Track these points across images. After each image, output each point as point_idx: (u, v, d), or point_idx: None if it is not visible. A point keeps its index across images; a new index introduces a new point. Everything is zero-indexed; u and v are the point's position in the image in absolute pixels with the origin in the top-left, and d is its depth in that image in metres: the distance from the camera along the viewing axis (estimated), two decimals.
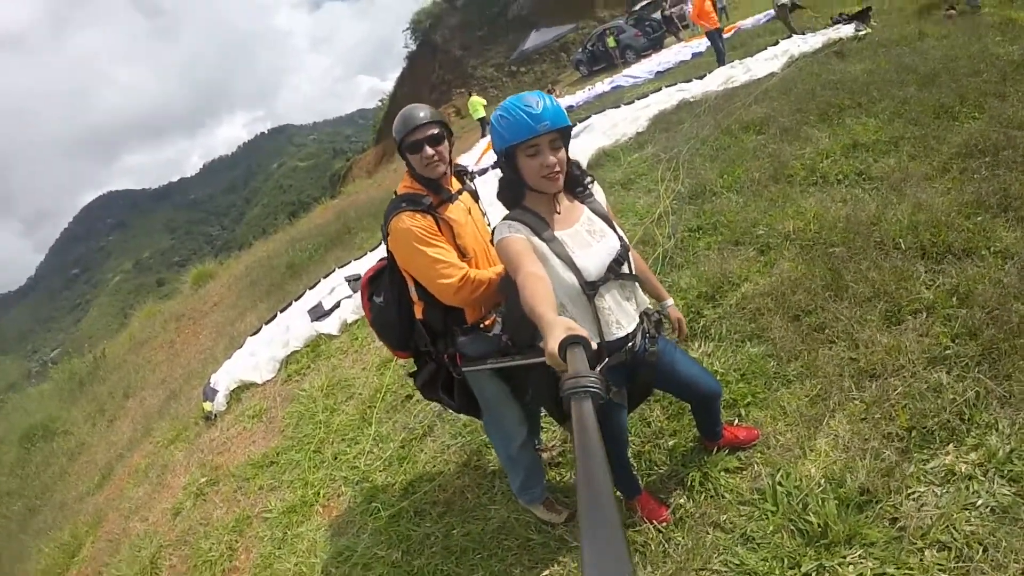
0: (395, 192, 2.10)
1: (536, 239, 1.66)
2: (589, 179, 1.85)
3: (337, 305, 6.17)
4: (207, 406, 5.49)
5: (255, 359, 5.95)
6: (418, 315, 2.15)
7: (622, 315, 1.77)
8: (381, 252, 7.31)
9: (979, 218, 3.02)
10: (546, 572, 2.25)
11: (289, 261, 10.20)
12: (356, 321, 5.73)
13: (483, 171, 8.16)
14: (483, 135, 15.98)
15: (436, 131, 1.98)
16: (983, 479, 1.84)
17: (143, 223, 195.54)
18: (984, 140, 3.68)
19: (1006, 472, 1.83)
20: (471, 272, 1.96)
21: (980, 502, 1.78)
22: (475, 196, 2.23)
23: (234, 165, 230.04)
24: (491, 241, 1.79)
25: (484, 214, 2.26)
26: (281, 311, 7.03)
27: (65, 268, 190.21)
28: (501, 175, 1.75)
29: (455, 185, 2.15)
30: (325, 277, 7.41)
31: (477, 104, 17.65)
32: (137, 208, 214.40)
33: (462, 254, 2.02)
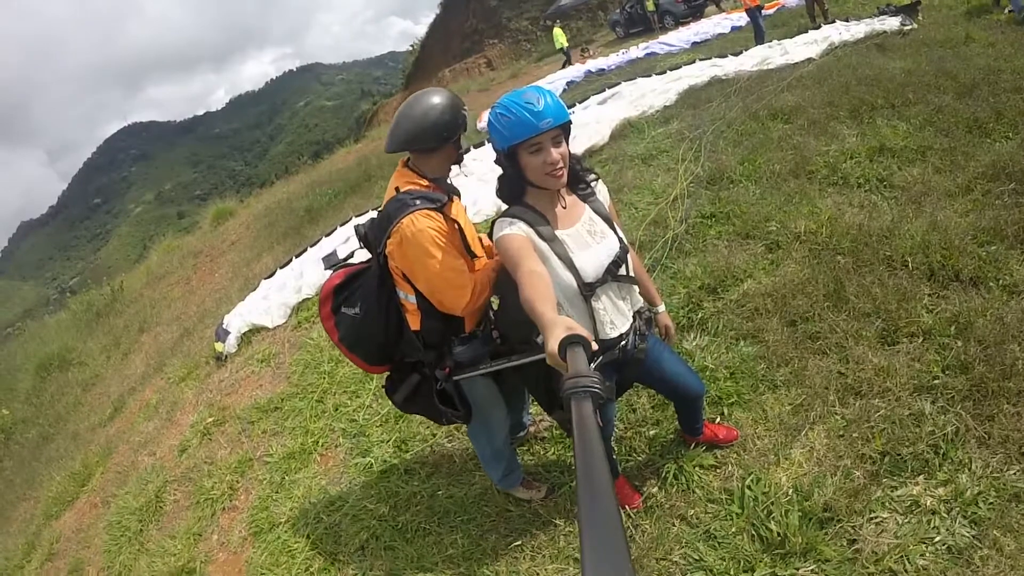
0: (396, 188, 1.93)
1: (536, 237, 1.66)
2: (593, 177, 1.83)
3: (351, 255, 6.22)
4: (219, 346, 5.64)
5: (267, 303, 6.05)
6: (413, 326, 1.99)
7: (617, 316, 1.79)
8: None
9: (993, 247, 2.94)
10: (518, 542, 2.36)
11: (308, 205, 10.16)
12: None
13: None
14: (564, 65, 17.13)
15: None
16: (946, 516, 1.86)
17: (166, 155, 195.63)
18: (1013, 164, 3.53)
19: (970, 513, 1.84)
20: (477, 280, 1.88)
21: (938, 538, 1.81)
22: (458, 194, 2.12)
23: (260, 101, 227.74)
24: (490, 236, 1.76)
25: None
26: (296, 256, 7.10)
27: (87, 197, 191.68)
28: (502, 172, 1.73)
29: None
30: (342, 225, 7.43)
31: (560, 35, 18.54)
32: (161, 140, 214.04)
33: (471, 255, 1.95)
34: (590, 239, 1.73)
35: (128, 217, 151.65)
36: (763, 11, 9.76)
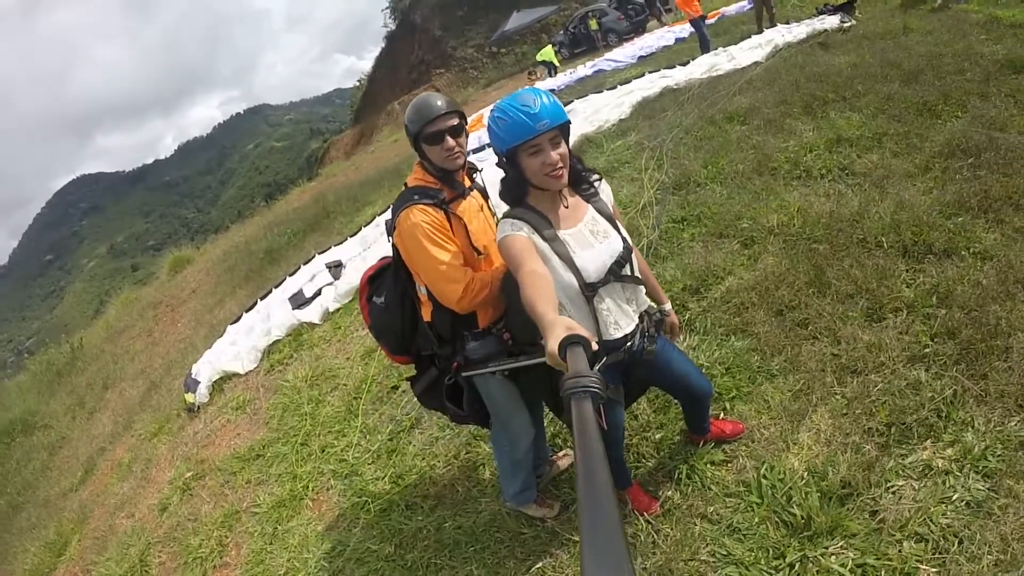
0: (405, 184, 2.02)
1: (538, 238, 1.65)
2: (596, 177, 1.83)
3: (318, 293, 6.12)
4: (189, 397, 5.43)
5: (236, 349, 5.89)
6: (425, 317, 2.06)
7: (621, 316, 1.78)
8: (361, 237, 7.27)
9: (960, 219, 3.08)
10: (539, 564, 2.28)
11: (267, 246, 10.07)
12: (338, 309, 5.69)
13: None
14: (542, 76, 17.87)
15: (456, 122, 1.90)
16: (959, 474, 1.92)
17: (117, 207, 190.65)
18: (966, 140, 3.73)
19: (981, 468, 1.91)
20: (475, 277, 1.89)
21: (956, 496, 1.86)
22: (484, 194, 2.14)
23: (209, 146, 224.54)
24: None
25: (494, 213, 2.16)
26: (261, 299, 6.95)
27: (39, 254, 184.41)
28: (503, 175, 1.73)
29: (466, 181, 2.05)
30: (305, 263, 7.33)
31: (549, 51, 19.12)
32: (111, 191, 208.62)
33: (476, 252, 1.95)
34: (592, 239, 1.72)
35: (81, 273, 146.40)
36: (706, 20, 10.12)
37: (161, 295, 11.03)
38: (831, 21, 7.69)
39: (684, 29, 12.20)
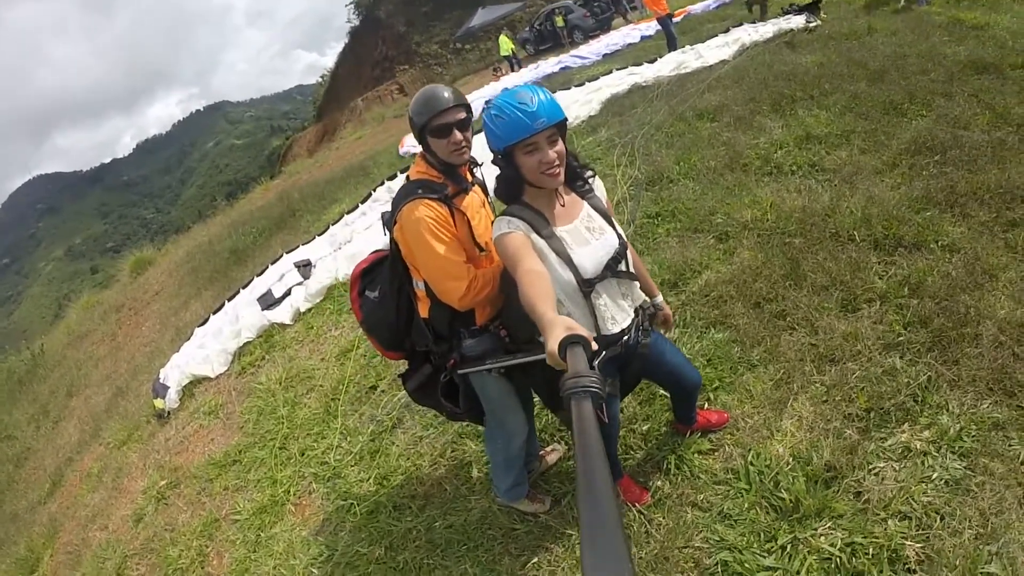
0: (407, 177, 1.98)
1: (535, 235, 1.65)
2: (590, 174, 1.84)
3: (288, 293, 5.99)
4: (159, 403, 5.24)
5: (205, 351, 5.71)
6: (422, 313, 2.02)
7: (617, 312, 1.80)
8: (329, 236, 7.13)
9: (928, 213, 3.23)
10: (534, 559, 2.29)
11: (232, 246, 9.75)
12: (310, 309, 5.58)
13: None
14: (507, 72, 17.96)
15: (463, 115, 1.86)
16: (936, 455, 2.02)
17: (74, 208, 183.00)
18: (932, 138, 3.90)
19: (957, 448, 2.02)
20: (478, 274, 1.87)
21: (935, 475, 1.96)
22: (485, 189, 2.11)
23: (168, 145, 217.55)
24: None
25: (494, 210, 2.13)
26: (229, 300, 6.75)
27: None
28: (499, 172, 1.72)
29: (467, 176, 2.03)
30: (273, 263, 7.14)
31: (505, 42, 19.44)
32: (68, 192, 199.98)
33: (478, 248, 1.93)
34: (589, 235, 1.74)
35: (39, 276, 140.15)
36: (673, 18, 10.25)
37: (123, 298, 10.62)
38: (797, 21, 7.87)
39: (650, 27, 12.33)
